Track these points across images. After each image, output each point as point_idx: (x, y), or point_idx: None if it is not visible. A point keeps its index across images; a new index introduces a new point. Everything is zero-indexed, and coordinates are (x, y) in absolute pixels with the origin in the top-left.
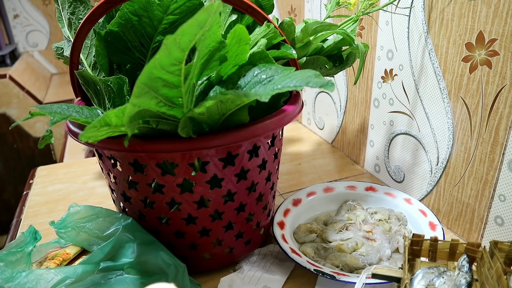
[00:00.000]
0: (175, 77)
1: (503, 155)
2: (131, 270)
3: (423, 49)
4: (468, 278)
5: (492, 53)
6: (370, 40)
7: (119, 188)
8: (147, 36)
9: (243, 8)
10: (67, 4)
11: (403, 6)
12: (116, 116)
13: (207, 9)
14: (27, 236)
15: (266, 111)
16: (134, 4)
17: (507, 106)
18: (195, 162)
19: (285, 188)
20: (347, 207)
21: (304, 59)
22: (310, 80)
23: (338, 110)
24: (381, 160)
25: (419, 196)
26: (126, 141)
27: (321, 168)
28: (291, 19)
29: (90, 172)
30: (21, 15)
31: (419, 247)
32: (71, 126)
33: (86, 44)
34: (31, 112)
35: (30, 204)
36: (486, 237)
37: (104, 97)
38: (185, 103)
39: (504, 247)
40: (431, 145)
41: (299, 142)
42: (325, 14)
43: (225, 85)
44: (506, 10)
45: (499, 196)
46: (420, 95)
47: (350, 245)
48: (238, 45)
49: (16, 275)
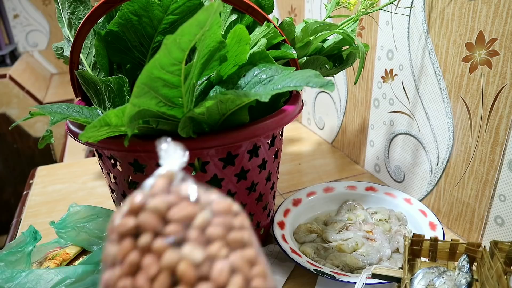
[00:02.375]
0: (175, 77)
1: (503, 155)
2: None
3: (423, 49)
4: (468, 278)
5: (492, 53)
6: (370, 40)
7: (119, 188)
8: (147, 36)
9: (243, 8)
10: (67, 4)
11: (403, 6)
12: (116, 116)
13: (207, 9)
14: (27, 236)
15: (266, 111)
16: (134, 4)
17: (507, 106)
18: (195, 162)
19: (285, 188)
20: (347, 207)
21: (304, 59)
22: (310, 80)
23: (338, 110)
24: (381, 160)
25: (419, 196)
26: (126, 141)
27: (321, 168)
28: (291, 19)
29: (90, 172)
30: (21, 15)
31: (419, 247)
32: (71, 126)
33: (86, 44)
34: (31, 112)
35: (30, 204)
36: (486, 237)
37: (104, 97)
38: (185, 103)
39: (504, 247)
40: (431, 145)
41: (299, 142)
42: (325, 14)
43: (225, 85)
44: (506, 10)
45: (499, 196)
46: (420, 95)
47: (350, 245)
48: (238, 45)
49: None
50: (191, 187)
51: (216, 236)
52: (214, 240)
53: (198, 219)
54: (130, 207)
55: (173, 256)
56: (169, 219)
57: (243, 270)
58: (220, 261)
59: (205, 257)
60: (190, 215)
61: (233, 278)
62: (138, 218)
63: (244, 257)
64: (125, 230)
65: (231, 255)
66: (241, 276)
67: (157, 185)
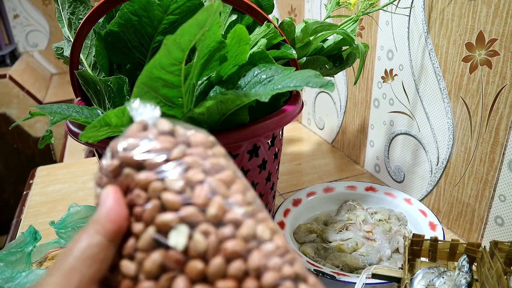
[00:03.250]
0: (175, 77)
1: (503, 155)
2: None
3: (423, 49)
4: (468, 278)
5: (492, 53)
6: (370, 40)
7: None
8: (147, 36)
9: (243, 8)
10: (67, 4)
11: (403, 6)
12: (116, 116)
13: (207, 9)
14: (27, 236)
15: (266, 111)
16: (134, 4)
17: (507, 106)
18: None
19: (285, 188)
20: (347, 207)
21: (304, 59)
22: (310, 80)
23: (338, 110)
24: (381, 160)
25: (419, 196)
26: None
27: (321, 168)
28: (291, 19)
29: (90, 172)
30: (21, 15)
31: (419, 247)
32: (71, 126)
33: (86, 44)
34: (31, 112)
35: (30, 204)
36: (486, 237)
37: (104, 97)
38: (185, 103)
39: (504, 247)
40: (431, 145)
41: (299, 142)
42: (325, 14)
43: (225, 85)
44: (506, 10)
45: (499, 196)
46: (420, 95)
47: (350, 245)
48: (238, 45)
49: (16, 275)
50: (164, 123)
51: (193, 164)
52: (191, 168)
53: (175, 150)
54: (111, 152)
55: (158, 185)
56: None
57: (220, 191)
58: (198, 186)
59: (184, 184)
60: (168, 147)
61: (213, 198)
62: (121, 158)
63: (220, 179)
64: (112, 169)
65: (208, 178)
66: (219, 196)
67: (132, 129)
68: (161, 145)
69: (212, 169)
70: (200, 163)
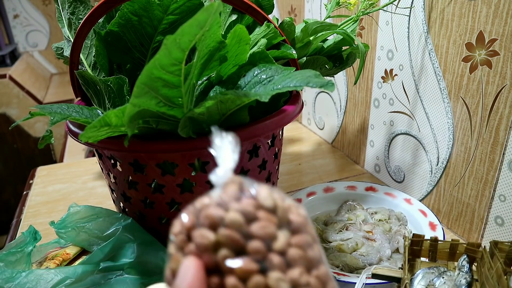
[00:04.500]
0: (175, 77)
1: (503, 155)
2: (131, 270)
3: (423, 49)
4: (468, 278)
5: (492, 53)
6: (370, 40)
7: (119, 188)
8: (147, 36)
9: (243, 8)
10: (67, 4)
11: (403, 6)
12: (116, 116)
13: (207, 9)
14: (27, 236)
15: (266, 111)
16: (134, 4)
17: (507, 106)
18: (195, 162)
19: (285, 188)
20: (347, 207)
21: (304, 59)
22: (310, 80)
23: (338, 110)
24: (381, 160)
25: (419, 196)
26: (126, 141)
27: (321, 168)
28: (291, 19)
29: (90, 172)
30: (21, 15)
31: (419, 247)
32: (71, 126)
33: (86, 44)
34: (31, 112)
35: (30, 204)
36: (486, 237)
37: (104, 97)
38: (185, 103)
39: (504, 247)
40: (431, 145)
41: (299, 142)
42: (325, 14)
43: (225, 85)
44: (506, 10)
45: (499, 196)
46: (420, 95)
47: (350, 245)
48: (238, 45)
49: (16, 275)
50: (265, 192)
51: (297, 259)
52: (295, 263)
53: (280, 240)
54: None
55: (259, 281)
56: (250, 235)
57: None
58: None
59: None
60: (272, 233)
61: None
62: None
63: (319, 278)
64: (206, 244)
65: (310, 279)
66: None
67: (229, 192)
68: (265, 230)
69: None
70: (303, 257)
